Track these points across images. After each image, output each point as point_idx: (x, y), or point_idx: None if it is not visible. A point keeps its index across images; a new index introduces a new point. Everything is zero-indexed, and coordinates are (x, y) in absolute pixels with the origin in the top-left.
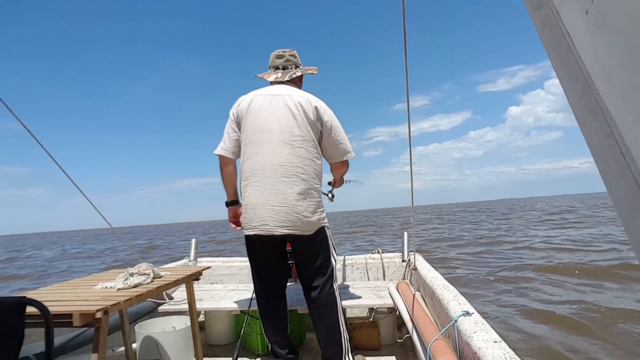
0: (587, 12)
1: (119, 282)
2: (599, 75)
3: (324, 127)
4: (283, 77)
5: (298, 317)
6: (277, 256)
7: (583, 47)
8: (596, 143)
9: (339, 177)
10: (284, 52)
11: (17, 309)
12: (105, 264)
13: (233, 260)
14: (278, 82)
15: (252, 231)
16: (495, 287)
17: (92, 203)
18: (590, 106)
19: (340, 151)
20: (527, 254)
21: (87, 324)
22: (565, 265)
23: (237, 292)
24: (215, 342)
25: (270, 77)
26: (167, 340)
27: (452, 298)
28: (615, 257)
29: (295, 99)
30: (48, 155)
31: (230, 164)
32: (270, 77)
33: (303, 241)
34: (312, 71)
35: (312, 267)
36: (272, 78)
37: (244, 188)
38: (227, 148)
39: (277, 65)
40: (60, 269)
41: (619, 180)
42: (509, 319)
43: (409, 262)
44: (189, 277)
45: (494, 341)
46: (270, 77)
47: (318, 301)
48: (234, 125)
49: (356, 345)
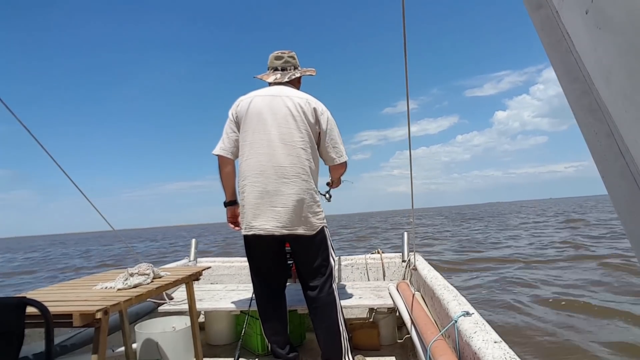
0: (586, 12)
1: (119, 282)
2: (598, 75)
3: (322, 128)
4: (282, 78)
5: (298, 317)
6: (276, 256)
7: (583, 47)
8: (596, 143)
9: (337, 178)
10: (282, 53)
11: (17, 309)
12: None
13: (233, 260)
14: (277, 83)
15: (251, 231)
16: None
17: (94, 205)
18: (590, 106)
19: (335, 153)
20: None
21: (87, 324)
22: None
23: (237, 292)
24: (215, 343)
25: (269, 78)
26: (167, 341)
27: (452, 298)
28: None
29: (295, 100)
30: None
31: (229, 164)
32: (269, 78)
33: (302, 241)
34: (311, 73)
35: (311, 267)
36: (271, 79)
37: (243, 188)
38: (226, 148)
39: (275, 67)
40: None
41: (619, 181)
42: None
43: (409, 262)
44: (189, 277)
45: (494, 341)
46: (269, 78)
47: (317, 301)
48: (233, 125)
49: (356, 346)
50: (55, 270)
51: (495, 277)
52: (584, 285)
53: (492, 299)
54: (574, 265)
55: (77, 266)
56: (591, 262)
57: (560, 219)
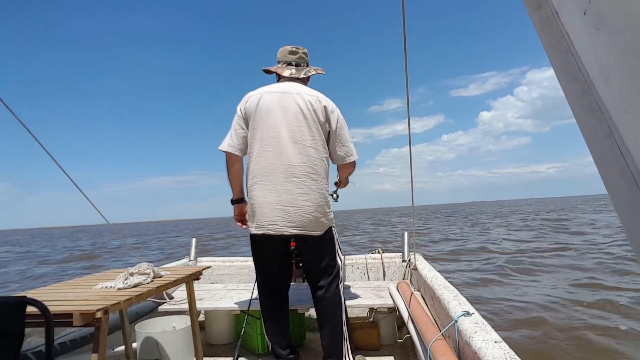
0: (585, 12)
1: (119, 281)
2: (598, 75)
3: (332, 127)
4: (298, 73)
5: (298, 317)
6: (282, 256)
7: (582, 47)
8: (596, 143)
9: (345, 177)
10: (297, 48)
11: (17, 308)
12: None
13: (233, 260)
14: (293, 78)
15: (259, 230)
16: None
17: (91, 201)
18: (590, 107)
19: (345, 152)
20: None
21: (87, 324)
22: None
23: (237, 291)
24: (215, 342)
25: (284, 72)
26: (167, 340)
27: (452, 298)
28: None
29: (306, 97)
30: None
31: (237, 162)
32: (284, 72)
33: (311, 241)
34: (321, 72)
35: (318, 267)
36: (286, 73)
37: (252, 187)
38: (235, 145)
39: (289, 61)
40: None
41: (619, 181)
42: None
43: (409, 262)
44: (189, 277)
45: (495, 341)
46: (284, 71)
47: (324, 301)
48: (241, 122)
49: (356, 345)
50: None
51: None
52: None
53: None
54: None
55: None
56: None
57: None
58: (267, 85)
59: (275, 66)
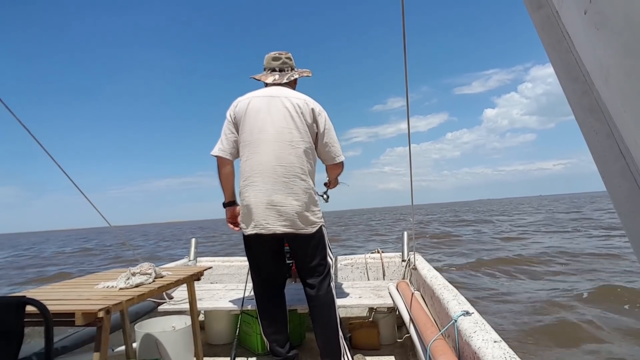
0: (585, 12)
1: (120, 281)
2: (598, 75)
3: (319, 129)
4: (281, 79)
5: (298, 317)
6: (275, 255)
7: (582, 47)
8: (596, 143)
9: (334, 178)
10: (280, 54)
11: (17, 308)
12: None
13: (233, 260)
14: (276, 84)
15: (252, 230)
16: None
17: (93, 204)
18: (590, 106)
19: (333, 153)
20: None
21: (89, 323)
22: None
23: (237, 291)
24: (215, 342)
25: (267, 79)
26: (167, 340)
27: (452, 298)
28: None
29: (293, 100)
30: (51, 159)
31: (228, 165)
32: (267, 79)
33: (301, 240)
34: (307, 74)
35: (309, 266)
36: (269, 80)
37: (244, 189)
38: (225, 149)
39: (273, 67)
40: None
41: (619, 181)
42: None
43: (409, 261)
44: (190, 277)
45: (494, 341)
46: (267, 78)
47: (316, 300)
48: (231, 126)
49: (356, 345)
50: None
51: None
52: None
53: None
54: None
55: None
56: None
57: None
58: (255, 90)
59: (260, 74)
